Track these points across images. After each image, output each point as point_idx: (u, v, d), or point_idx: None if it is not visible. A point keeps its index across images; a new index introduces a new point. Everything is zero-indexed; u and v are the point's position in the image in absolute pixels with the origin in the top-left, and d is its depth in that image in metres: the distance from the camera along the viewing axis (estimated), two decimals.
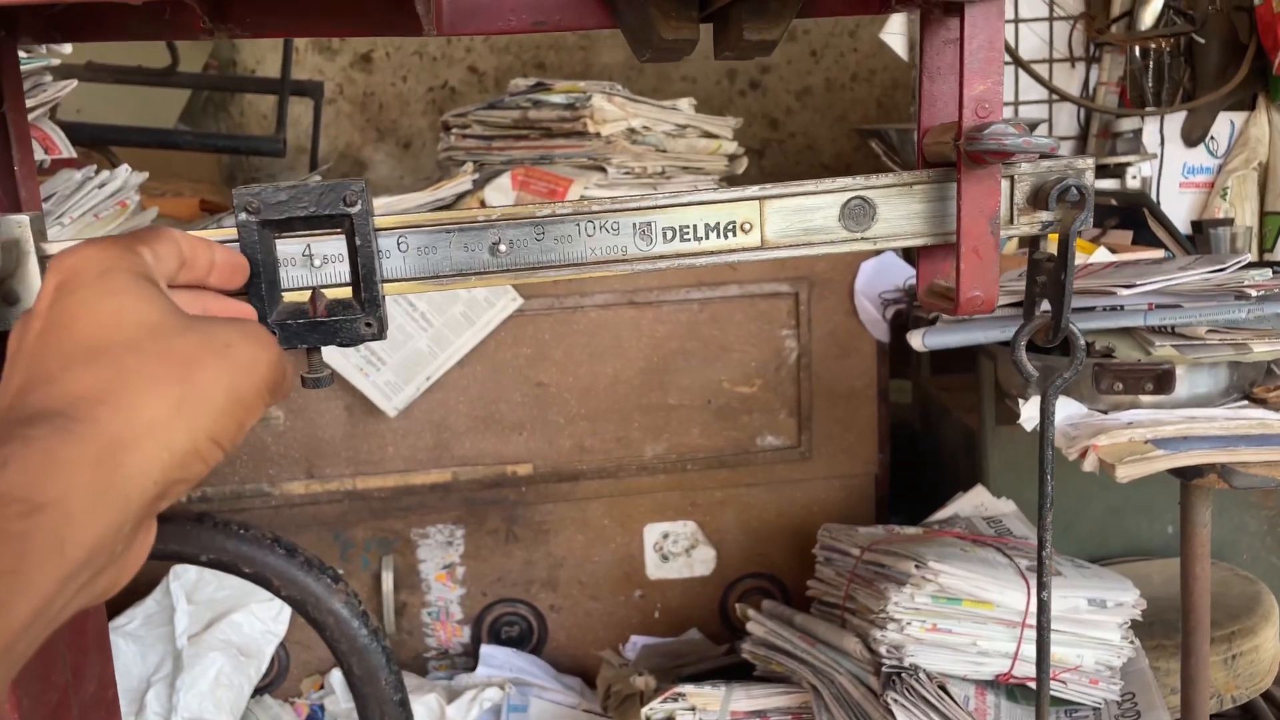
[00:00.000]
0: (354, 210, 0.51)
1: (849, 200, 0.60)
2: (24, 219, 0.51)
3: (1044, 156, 0.60)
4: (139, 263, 0.43)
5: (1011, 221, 0.61)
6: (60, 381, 0.39)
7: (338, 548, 1.88)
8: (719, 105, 3.23)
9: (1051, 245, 0.63)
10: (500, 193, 1.87)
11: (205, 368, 0.41)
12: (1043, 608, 0.65)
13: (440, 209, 1.89)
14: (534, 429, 1.87)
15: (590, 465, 1.90)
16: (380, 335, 0.53)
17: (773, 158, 3.42)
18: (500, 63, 3.28)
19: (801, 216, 0.60)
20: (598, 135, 1.87)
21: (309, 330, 0.52)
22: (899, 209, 0.61)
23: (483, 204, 1.88)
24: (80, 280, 0.41)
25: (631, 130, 1.90)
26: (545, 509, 1.92)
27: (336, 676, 1.87)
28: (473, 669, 1.89)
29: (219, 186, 2.87)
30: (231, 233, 0.51)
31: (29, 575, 0.34)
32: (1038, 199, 0.61)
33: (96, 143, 2.16)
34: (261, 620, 1.79)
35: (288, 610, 1.84)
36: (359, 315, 0.53)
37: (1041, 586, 0.65)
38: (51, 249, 0.52)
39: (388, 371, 1.77)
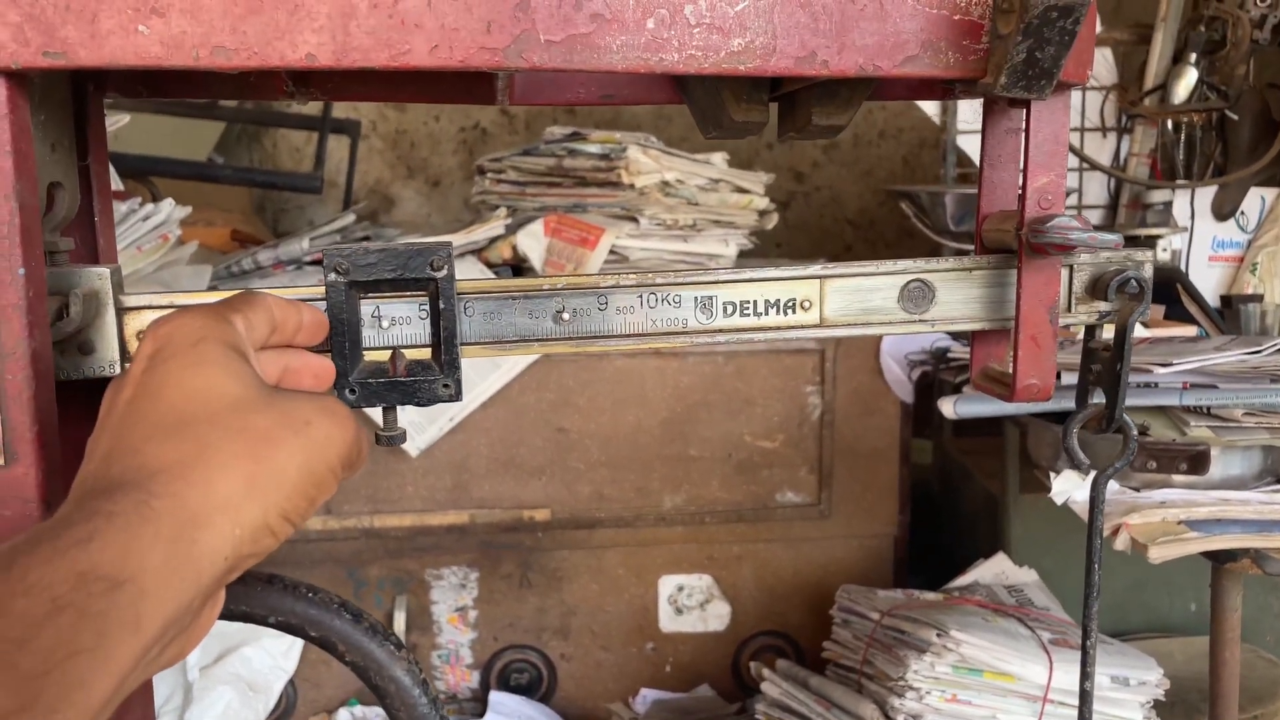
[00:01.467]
0: (440, 275, 0.52)
1: (908, 283, 0.60)
2: (105, 271, 0.52)
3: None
4: (231, 333, 0.44)
5: (1069, 309, 0.62)
6: (143, 453, 0.40)
7: (351, 585, 1.88)
8: (746, 156, 3.26)
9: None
10: (533, 238, 1.89)
11: (281, 445, 0.42)
12: (1085, 698, 0.65)
13: (473, 251, 1.91)
14: (553, 474, 1.87)
15: (608, 513, 1.89)
16: (457, 397, 0.54)
17: (797, 210, 3.44)
18: (532, 106, 3.32)
19: (861, 296, 0.60)
20: (631, 186, 1.89)
21: (388, 389, 0.53)
22: (957, 293, 0.61)
23: (514, 249, 1.90)
24: (174, 349, 0.43)
25: (665, 183, 1.92)
26: (560, 555, 1.91)
27: (343, 716, 1.86)
28: (481, 715, 1.87)
29: (250, 216, 2.90)
30: (319, 291, 0.52)
31: (108, 653, 0.35)
32: (1096, 289, 0.61)
33: (138, 173, 2.19)
34: (271, 655, 1.78)
35: (298, 646, 1.83)
36: (438, 376, 0.54)
37: (1085, 677, 0.64)
38: (129, 301, 0.53)
39: (411, 410, 1.78)
